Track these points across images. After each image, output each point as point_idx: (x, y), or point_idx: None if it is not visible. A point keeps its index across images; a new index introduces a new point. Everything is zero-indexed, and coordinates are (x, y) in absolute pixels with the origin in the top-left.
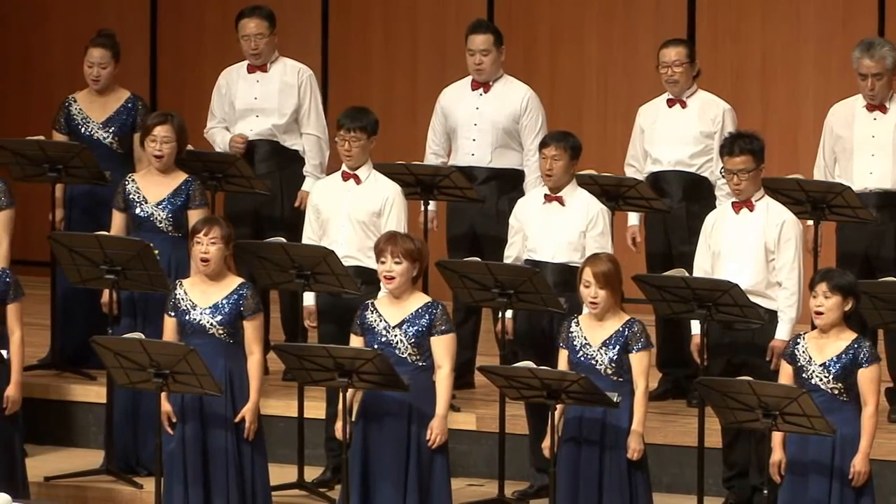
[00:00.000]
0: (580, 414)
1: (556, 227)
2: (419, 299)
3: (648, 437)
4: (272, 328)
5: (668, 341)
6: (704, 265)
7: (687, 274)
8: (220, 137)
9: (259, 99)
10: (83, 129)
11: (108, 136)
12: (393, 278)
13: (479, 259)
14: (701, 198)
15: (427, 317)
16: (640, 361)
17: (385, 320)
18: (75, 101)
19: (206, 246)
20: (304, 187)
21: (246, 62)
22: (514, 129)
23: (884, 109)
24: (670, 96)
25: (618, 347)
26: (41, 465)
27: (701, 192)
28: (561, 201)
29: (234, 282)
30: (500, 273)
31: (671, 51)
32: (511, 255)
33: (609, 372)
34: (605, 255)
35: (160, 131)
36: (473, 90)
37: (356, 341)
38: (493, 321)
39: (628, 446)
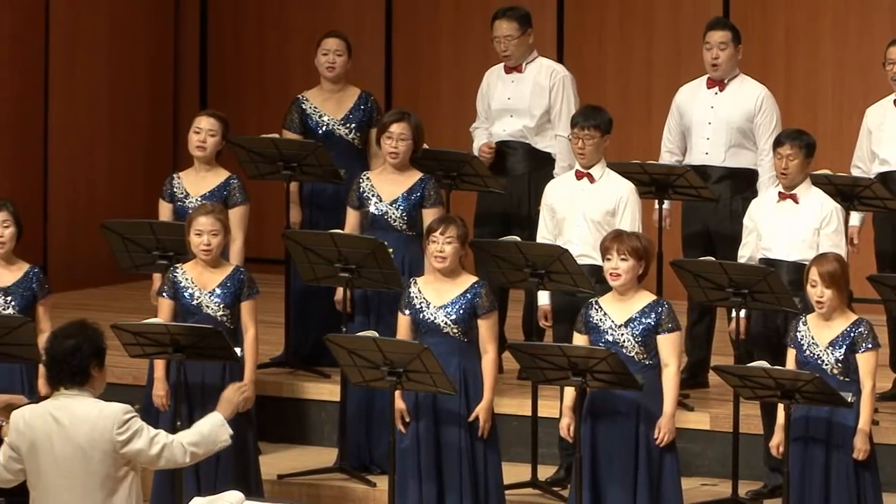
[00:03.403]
0: (806, 413)
1: (790, 225)
2: (645, 297)
3: (883, 437)
4: (512, 328)
5: None
6: None
7: None
8: (476, 142)
9: (512, 99)
10: (320, 127)
11: (349, 133)
12: (619, 275)
13: (713, 258)
14: None
15: (653, 315)
16: (866, 361)
17: (611, 319)
18: (307, 100)
19: (442, 245)
20: None
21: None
22: (748, 128)
23: None
24: None
25: (844, 347)
26: (275, 463)
27: None
28: (795, 199)
29: (468, 280)
30: (734, 272)
31: None
32: (745, 255)
33: (835, 371)
34: (832, 254)
35: (397, 129)
36: (709, 88)
37: (580, 339)
38: (728, 320)
39: (854, 446)
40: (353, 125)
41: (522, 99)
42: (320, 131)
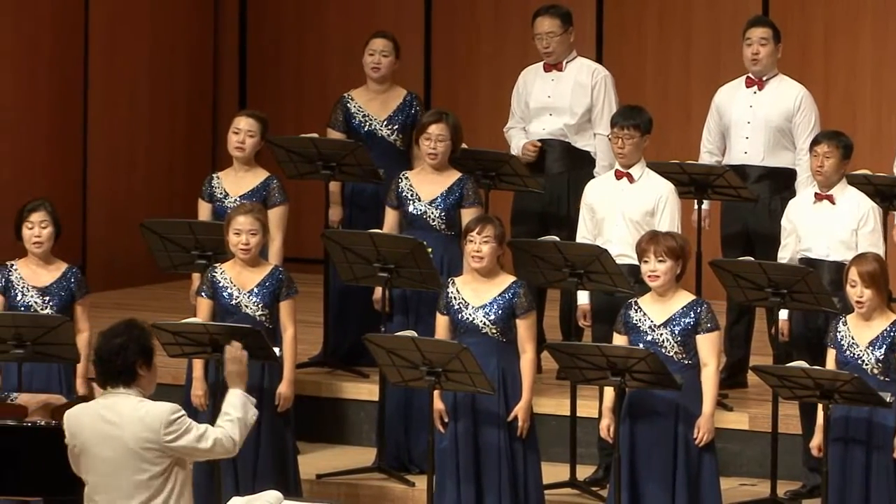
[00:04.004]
0: (846, 413)
1: (827, 226)
2: (683, 297)
3: None
4: (550, 327)
5: None
6: None
7: None
8: (514, 141)
9: (552, 97)
10: (364, 127)
11: (392, 134)
12: (658, 276)
13: (752, 258)
14: None
15: (692, 315)
16: None
17: (650, 319)
18: (353, 100)
19: (479, 244)
20: None
21: (543, 61)
22: (787, 127)
23: None
24: None
25: (884, 347)
26: (313, 462)
27: None
28: (831, 199)
29: (506, 280)
30: (773, 272)
31: None
32: (784, 256)
33: (876, 371)
34: (871, 254)
35: (435, 129)
36: (748, 88)
37: (620, 340)
38: (767, 321)
39: (894, 446)
40: (396, 126)
41: (563, 97)
42: (363, 131)
